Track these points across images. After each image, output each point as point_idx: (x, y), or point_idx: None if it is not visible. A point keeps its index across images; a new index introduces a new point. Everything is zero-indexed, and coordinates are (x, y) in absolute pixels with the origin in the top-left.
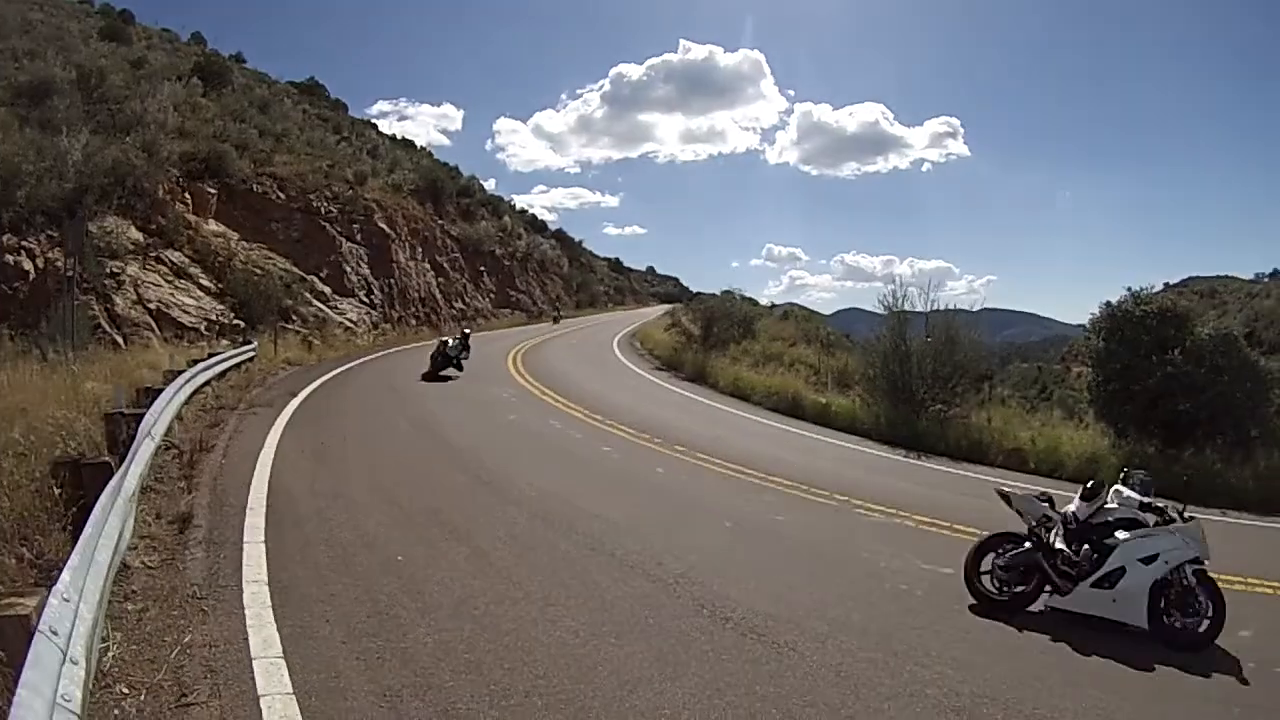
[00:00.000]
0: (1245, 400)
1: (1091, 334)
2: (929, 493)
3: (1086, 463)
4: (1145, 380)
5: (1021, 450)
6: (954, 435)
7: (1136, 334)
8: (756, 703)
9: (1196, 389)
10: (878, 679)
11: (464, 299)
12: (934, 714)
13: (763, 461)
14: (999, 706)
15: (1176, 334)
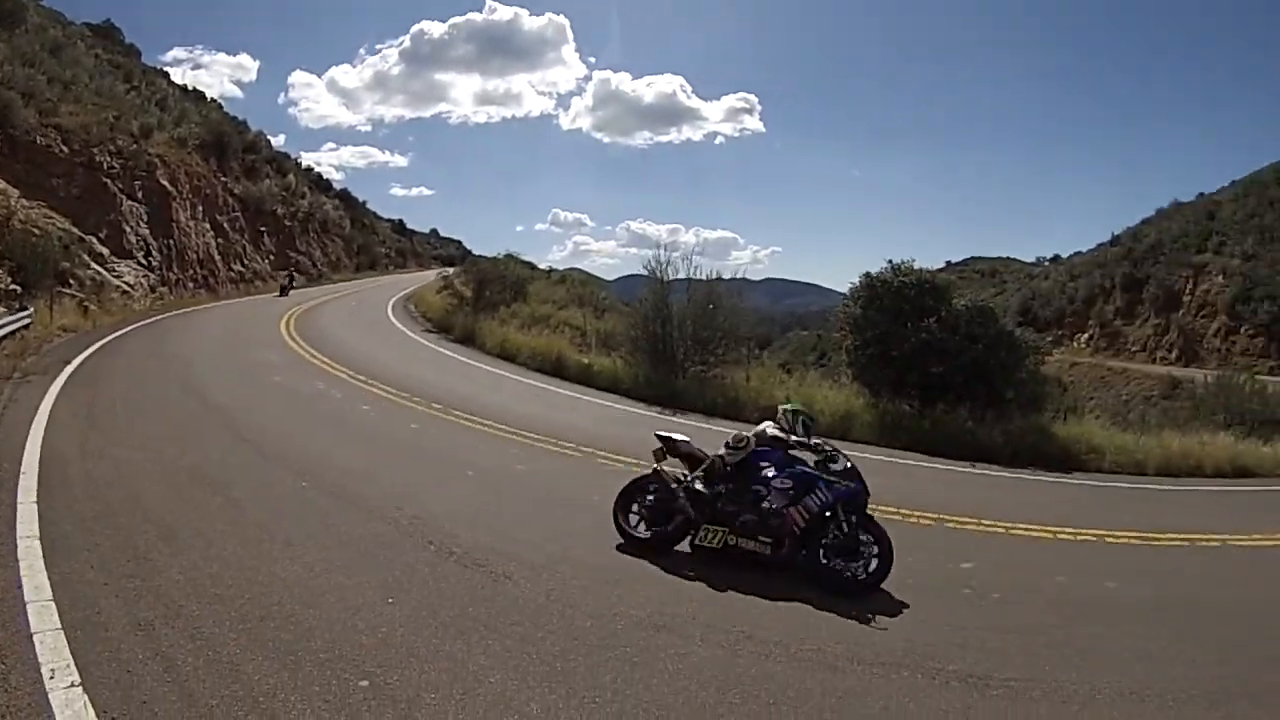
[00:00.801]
0: (999, 366)
1: (851, 302)
2: None
3: (841, 420)
4: (902, 345)
5: (776, 407)
6: (711, 394)
7: (896, 303)
8: (467, 622)
9: (950, 354)
10: (584, 601)
11: (243, 261)
12: (632, 629)
13: (516, 417)
14: (699, 625)
15: (935, 304)
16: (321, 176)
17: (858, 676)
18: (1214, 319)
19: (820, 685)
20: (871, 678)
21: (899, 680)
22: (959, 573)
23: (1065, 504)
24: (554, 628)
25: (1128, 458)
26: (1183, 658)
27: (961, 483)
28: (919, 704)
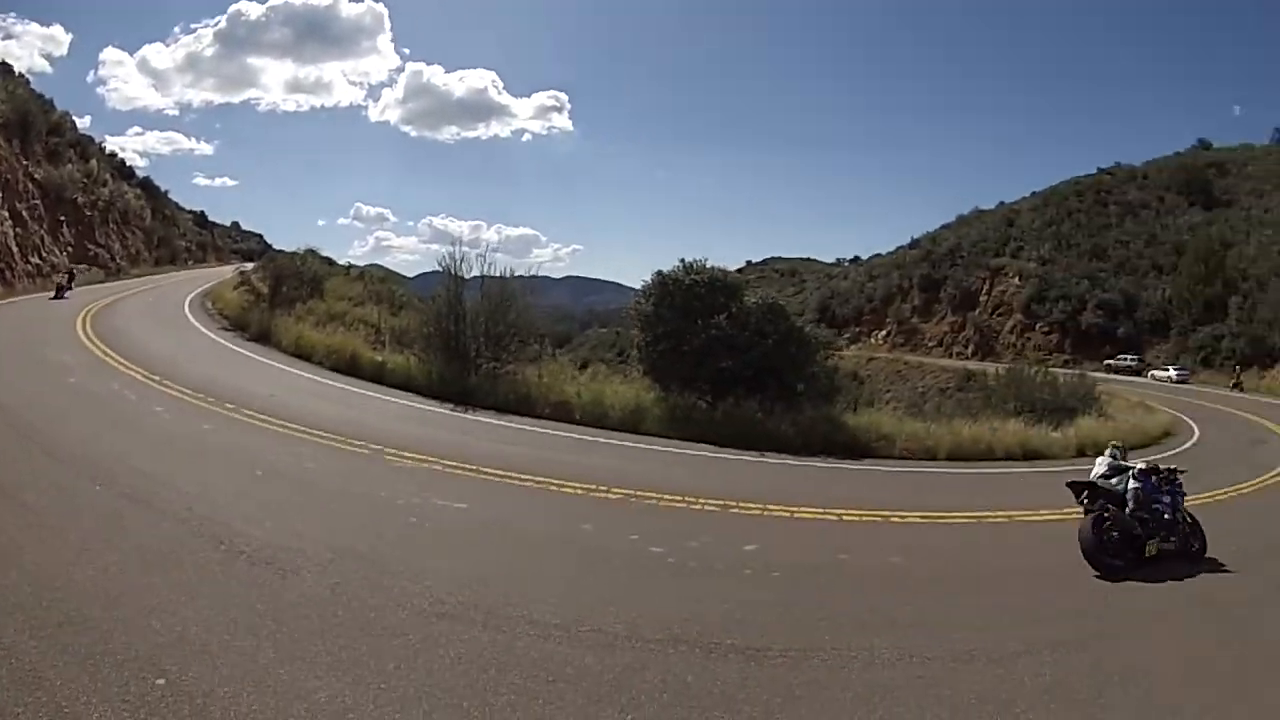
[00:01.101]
0: (790, 360)
1: (643, 299)
2: (464, 440)
3: (631, 414)
4: (693, 341)
5: (568, 403)
6: (504, 390)
7: (688, 300)
8: (257, 618)
9: (741, 349)
10: (367, 593)
11: (40, 253)
12: (415, 618)
13: (308, 417)
14: (480, 611)
15: (726, 301)
16: (125, 163)
17: (635, 653)
18: (1010, 317)
19: (599, 663)
20: (649, 654)
21: (676, 655)
22: (742, 554)
23: (853, 488)
24: (340, 619)
25: (919, 444)
26: (964, 622)
27: (750, 471)
28: (697, 676)
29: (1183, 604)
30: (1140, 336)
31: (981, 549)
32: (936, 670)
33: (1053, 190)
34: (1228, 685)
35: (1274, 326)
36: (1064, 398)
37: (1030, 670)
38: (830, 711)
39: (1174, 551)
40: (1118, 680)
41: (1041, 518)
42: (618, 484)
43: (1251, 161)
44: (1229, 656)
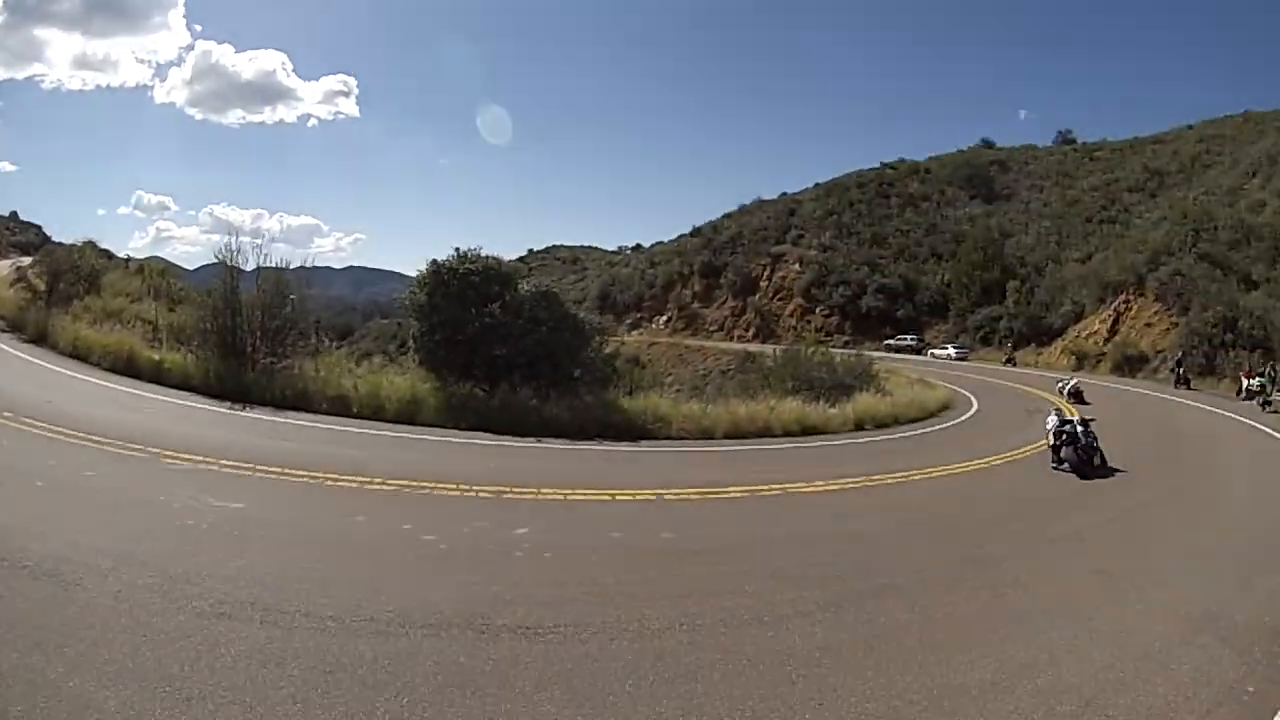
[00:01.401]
0: (565, 347)
1: (417, 289)
2: (241, 439)
3: (408, 405)
4: (467, 330)
5: (345, 397)
6: (281, 386)
7: (462, 289)
8: (43, 632)
9: (515, 337)
10: (149, 599)
11: None
12: (196, 620)
13: (87, 422)
14: (258, 609)
15: (500, 289)
16: None
17: (410, 639)
18: (790, 301)
19: (373, 650)
20: (423, 639)
21: (449, 638)
22: (513, 538)
23: (628, 470)
24: (124, 627)
25: (695, 425)
26: (736, 589)
27: (525, 458)
28: (470, 657)
29: (955, 561)
30: (920, 318)
31: (753, 520)
32: (708, 636)
33: (835, 182)
34: (990, 638)
35: (1049, 308)
36: (841, 376)
37: (802, 630)
38: (602, 680)
39: (1101, 463)
40: (888, 636)
41: (815, 488)
42: (393, 475)
43: (1033, 160)
44: (1000, 608)
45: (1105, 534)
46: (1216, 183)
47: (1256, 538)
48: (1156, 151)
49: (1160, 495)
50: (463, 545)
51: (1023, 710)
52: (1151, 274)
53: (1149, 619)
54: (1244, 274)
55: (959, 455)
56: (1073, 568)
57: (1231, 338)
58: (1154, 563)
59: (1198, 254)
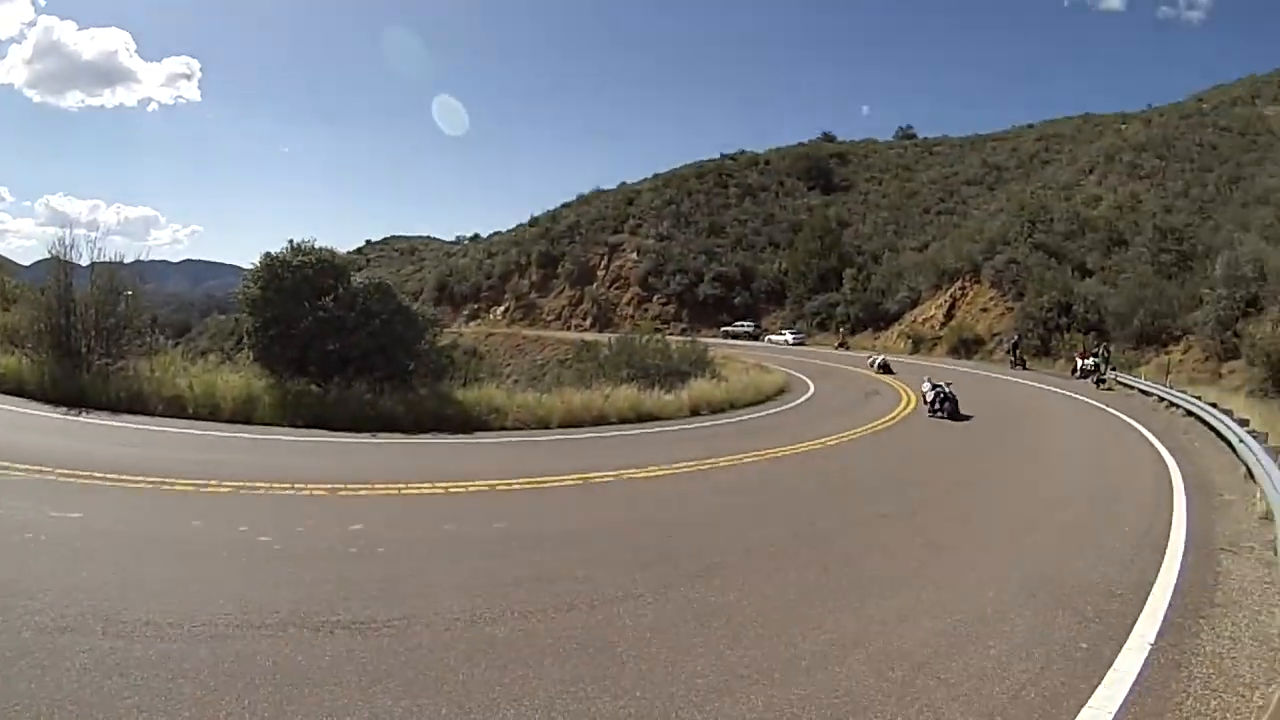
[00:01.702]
0: (398, 339)
1: (250, 283)
2: (76, 445)
3: (244, 404)
4: (301, 324)
5: (181, 397)
6: (116, 388)
7: (296, 282)
8: None
9: (348, 330)
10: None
11: None
12: (39, 635)
13: None
14: (100, 619)
15: (334, 282)
16: None
17: (247, 641)
18: (627, 290)
19: (214, 654)
20: (260, 640)
21: (286, 638)
22: (348, 534)
23: (463, 461)
24: None
25: (531, 415)
26: (567, 574)
27: (360, 453)
28: (306, 655)
29: (787, 539)
30: (757, 305)
31: (585, 507)
32: (539, 623)
33: (674, 172)
34: (821, 611)
35: (886, 295)
36: (677, 363)
37: (632, 613)
38: (436, 670)
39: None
40: (718, 614)
41: (649, 474)
42: (229, 477)
43: (873, 154)
44: (831, 582)
45: (938, 508)
46: (1054, 178)
47: (1089, 504)
48: (996, 148)
49: (995, 467)
50: (298, 544)
51: (855, 676)
52: (988, 262)
53: (981, 586)
54: (1079, 263)
55: (793, 437)
56: (905, 541)
57: (1066, 321)
58: (987, 532)
59: (1033, 244)
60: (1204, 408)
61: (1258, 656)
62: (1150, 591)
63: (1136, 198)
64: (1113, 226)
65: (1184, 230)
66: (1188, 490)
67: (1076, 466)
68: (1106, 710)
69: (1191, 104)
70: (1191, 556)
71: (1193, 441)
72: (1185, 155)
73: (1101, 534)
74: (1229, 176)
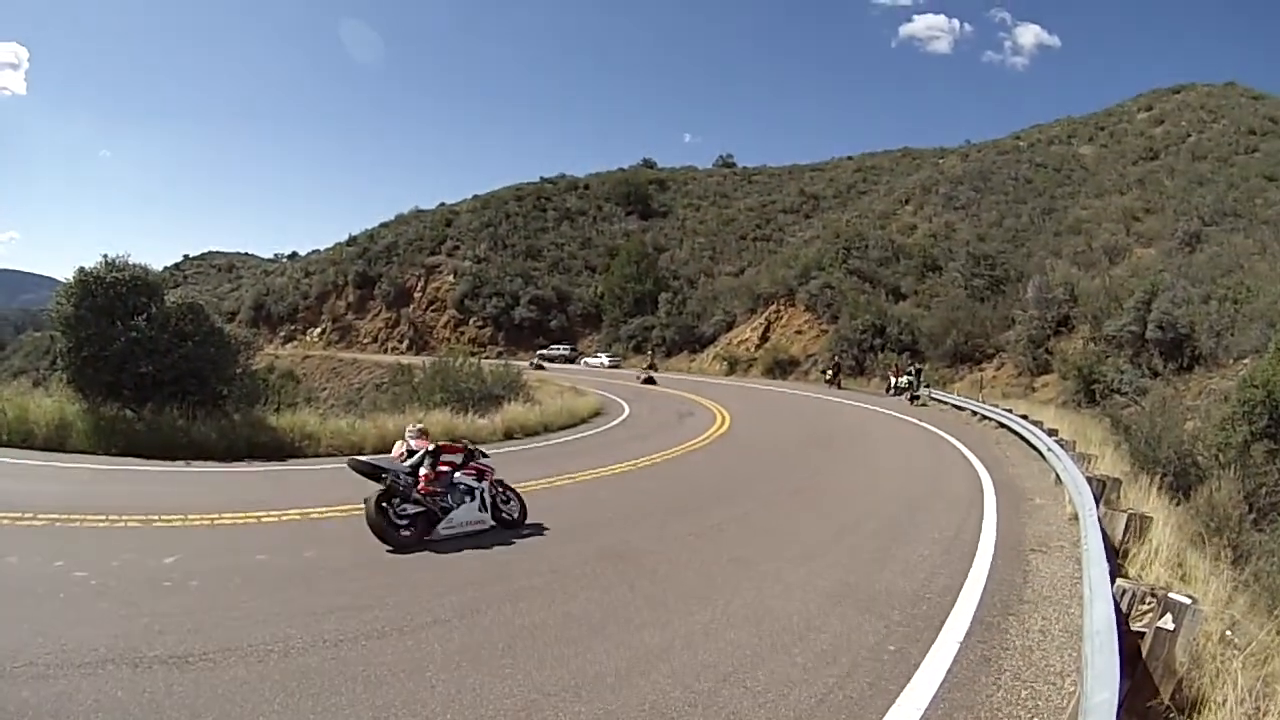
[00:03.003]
0: (212, 363)
1: (63, 300)
2: None
3: (57, 430)
4: (114, 345)
5: None
6: None
7: (110, 300)
8: None
9: (161, 352)
10: None
11: None
12: None
13: None
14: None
15: (147, 301)
16: None
17: (68, 679)
18: (444, 313)
19: (35, 694)
20: (81, 678)
21: (105, 675)
22: (162, 567)
23: (272, 490)
24: None
25: (345, 440)
26: (376, 602)
27: (174, 482)
28: (126, 691)
29: (594, 558)
30: (574, 329)
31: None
32: (350, 650)
33: (493, 194)
34: (626, 629)
35: (701, 318)
36: (491, 386)
37: (441, 637)
38: (252, 702)
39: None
40: (525, 635)
41: None
42: (43, 509)
43: (692, 181)
44: (637, 600)
45: (746, 524)
46: (870, 208)
47: (899, 513)
48: (814, 178)
49: (807, 482)
50: (113, 579)
51: (660, 690)
52: (802, 286)
53: (787, 598)
54: (893, 287)
55: (607, 459)
56: (712, 557)
57: (880, 342)
58: (794, 546)
59: (848, 269)
60: (1015, 419)
61: (1068, 646)
62: (959, 594)
63: (952, 227)
64: (927, 253)
65: (997, 257)
66: (999, 497)
67: (889, 479)
68: (915, 706)
69: (1009, 141)
70: (1001, 559)
71: (1005, 452)
72: (1001, 188)
73: (911, 542)
74: (1043, 208)
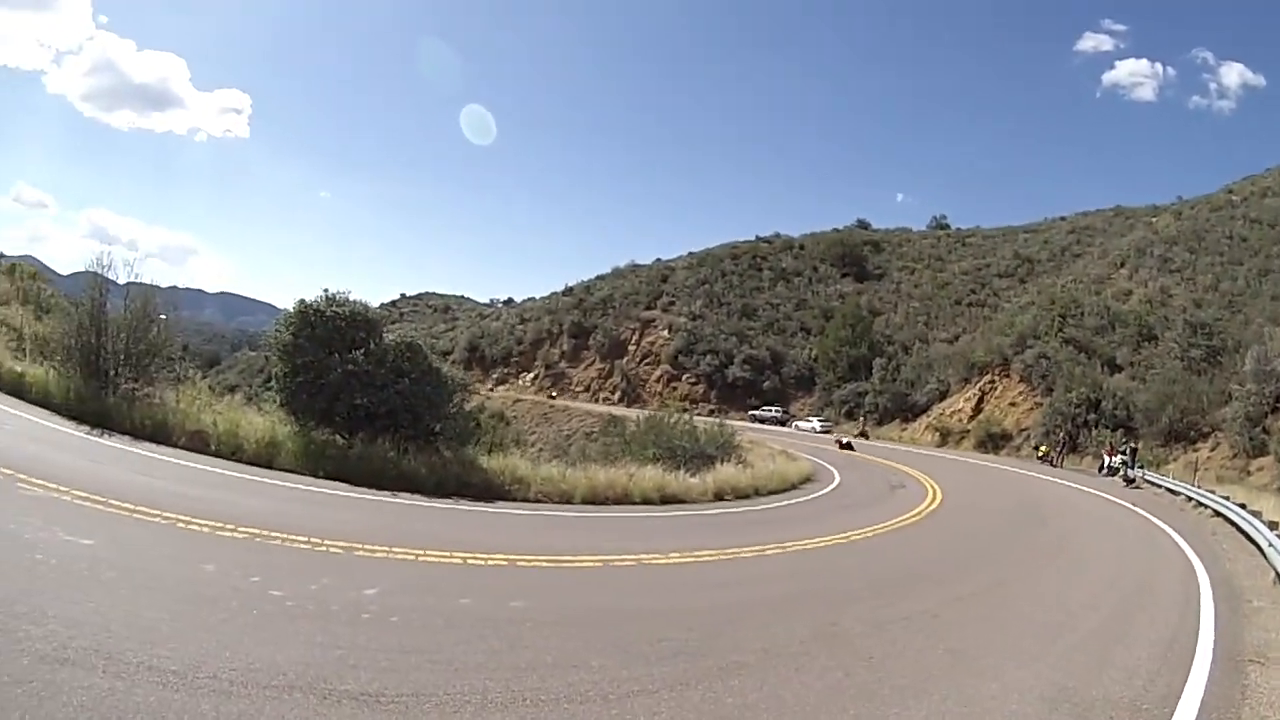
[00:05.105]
0: (427, 400)
1: (282, 328)
2: (97, 468)
3: (266, 447)
4: (330, 375)
5: (204, 432)
6: (141, 415)
7: (328, 333)
8: None
9: (377, 386)
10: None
11: None
12: (37, 664)
13: None
14: (101, 657)
15: (366, 336)
16: None
17: (250, 700)
18: (657, 366)
19: (214, 710)
20: (264, 701)
21: (290, 701)
22: (362, 598)
23: (482, 531)
24: None
25: (554, 488)
26: (581, 663)
27: (380, 512)
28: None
29: (808, 638)
30: (786, 391)
31: (604, 591)
32: (549, 712)
33: (709, 252)
34: (840, 718)
35: (915, 386)
36: (704, 445)
37: (645, 709)
38: None
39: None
40: (735, 717)
41: (670, 560)
42: (246, 522)
43: (906, 243)
44: (851, 687)
45: (960, 611)
46: (1085, 271)
47: (1114, 609)
48: (1028, 240)
49: (1020, 568)
50: (310, 603)
51: None
52: (1017, 356)
53: (1003, 698)
54: (1108, 358)
55: (817, 529)
56: (927, 645)
57: (1095, 417)
58: (1009, 639)
59: (1064, 338)
60: (1232, 508)
61: None
62: (1176, 706)
63: (1167, 292)
64: (1143, 321)
65: (1214, 325)
66: (1215, 596)
67: (1102, 569)
68: None
69: (1221, 196)
70: (1219, 669)
71: (1221, 544)
72: (1215, 248)
73: (1128, 643)
74: (1259, 269)
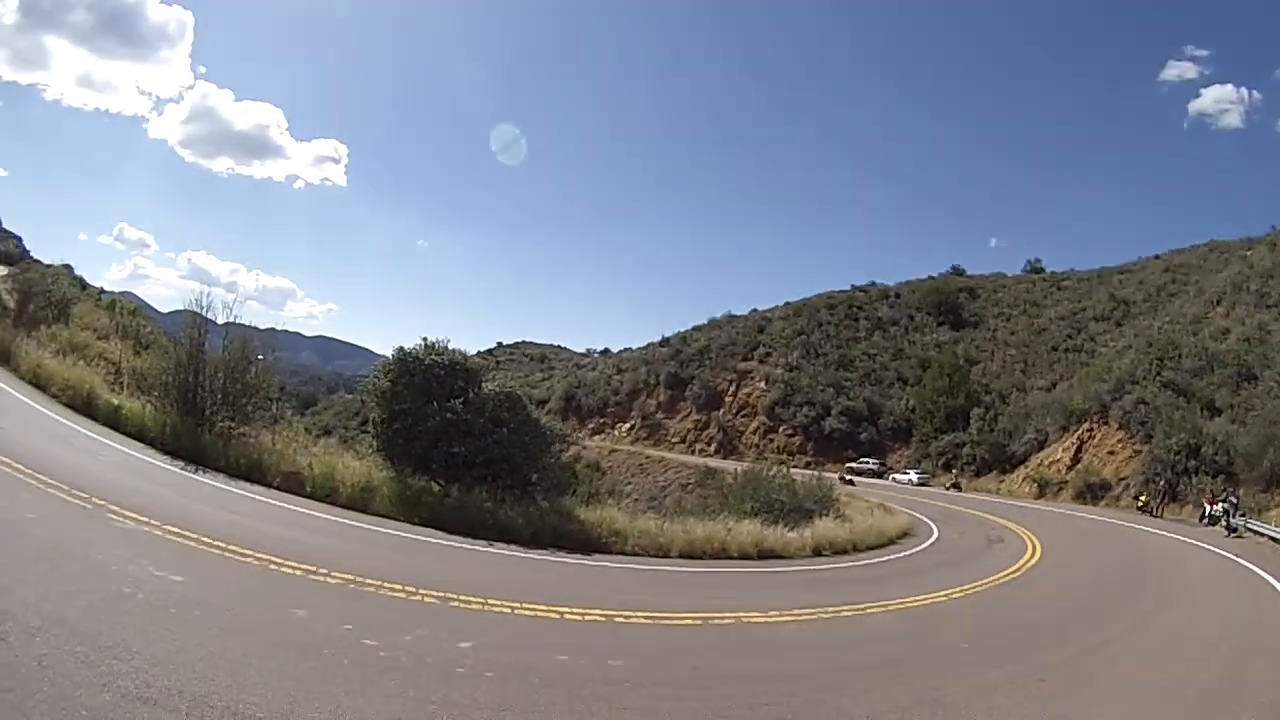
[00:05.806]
0: (524, 450)
1: (380, 374)
2: (189, 504)
3: (361, 492)
4: (427, 423)
5: (300, 474)
6: (236, 453)
7: (426, 381)
8: None
9: (475, 435)
10: (75, 670)
11: None
12: (120, 701)
13: (37, 458)
14: (185, 699)
15: (465, 385)
16: None
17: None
18: (754, 418)
19: None
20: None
21: None
22: (457, 651)
23: (580, 585)
24: (45, 695)
25: (651, 541)
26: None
27: (476, 562)
28: None
29: (909, 704)
30: (883, 442)
31: (703, 650)
32: None
33: (805, 301)
34: None
35: (1013, 436)
36: (802, 499)
37: None
38: None
39: None
40: None
41: (769, 618)
42: (339, 568)
43: (1001, 289)
44: None
45: (1065, 674)
46: (1181, 311)
47: (1217, 673)
48: (1123, 281)
49: (1124, 627)
50: (404, 654)
51: None
52: (1115, 402)
53: None
54: (1207, 400)
55: (916, 587)
56: (1034, 713)
57: (1195, 464)
58: (1120, 704)
59: (1162, 382)
60: None
61: None
62: None
63: (1264, 328)
64: (1241, 360)
65: None
66: None
67: (1208, 626)
68: None
69: None
70: None
71: None
72: None
73: (1235, 707)
74: None
